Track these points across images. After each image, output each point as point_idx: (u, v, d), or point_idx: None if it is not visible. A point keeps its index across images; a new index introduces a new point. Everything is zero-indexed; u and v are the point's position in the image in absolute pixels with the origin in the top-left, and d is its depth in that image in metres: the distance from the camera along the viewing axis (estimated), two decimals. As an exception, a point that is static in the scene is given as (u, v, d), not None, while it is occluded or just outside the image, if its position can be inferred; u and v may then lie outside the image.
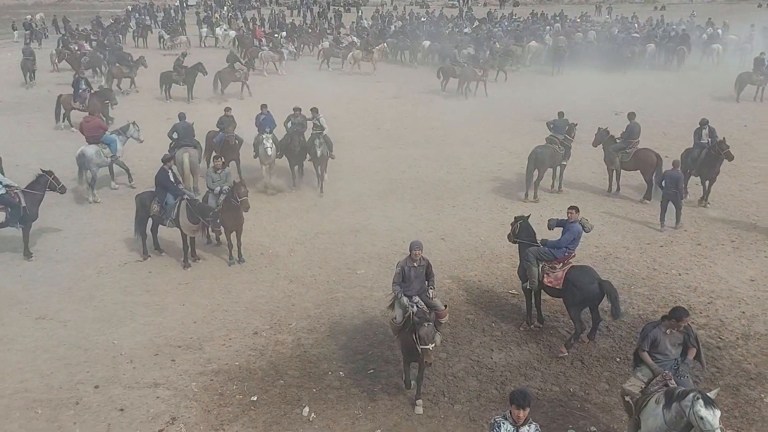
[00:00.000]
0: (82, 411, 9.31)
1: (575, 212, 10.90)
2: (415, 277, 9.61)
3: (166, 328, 11.45)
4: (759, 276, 13.26)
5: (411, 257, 9.61)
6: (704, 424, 6.80)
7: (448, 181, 18.86)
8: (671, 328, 7.95)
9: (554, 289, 10.89)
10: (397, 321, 9.46)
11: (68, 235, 15.09)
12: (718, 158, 16.26)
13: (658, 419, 7.28)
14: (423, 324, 8.68)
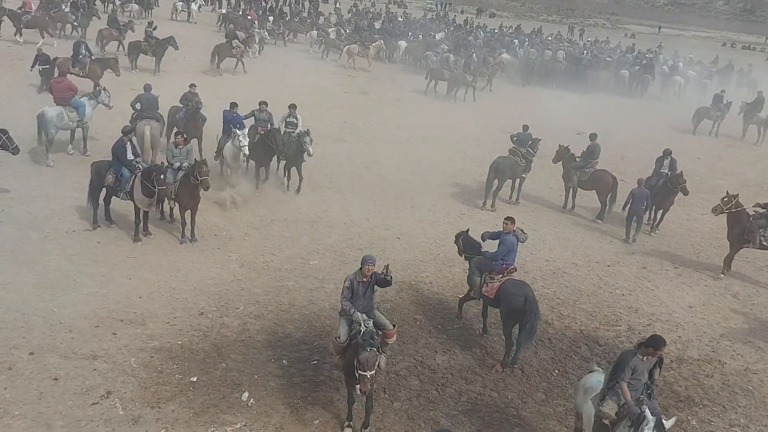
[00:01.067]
0: (14, 377, 9.05)
1: (510, 223, 10.99)
2: (362, 294, 8.90)
3: (110, 300, 11.21)
4: (697, 303, 13.76)
5: (362, 272, 8.87)
6: None
7: (408, 181, 18.97)
8: (648, 355, 7.87)
9: (489, 299, 11.03)
10: (341, 340, 8.81)
11: (15, 196, 14.61)
12: (674, 190, 16.77)
13: None
14: (366, 348, 8.03)
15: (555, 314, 12.63)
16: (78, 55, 22.53)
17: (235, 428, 8.67)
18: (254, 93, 25.54)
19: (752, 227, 14.58)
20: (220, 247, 13.72)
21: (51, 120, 16.36)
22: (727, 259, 15.09)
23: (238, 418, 8.87)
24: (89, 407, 8.70)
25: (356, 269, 8.99)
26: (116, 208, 14.09)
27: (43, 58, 22.07)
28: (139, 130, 16.35)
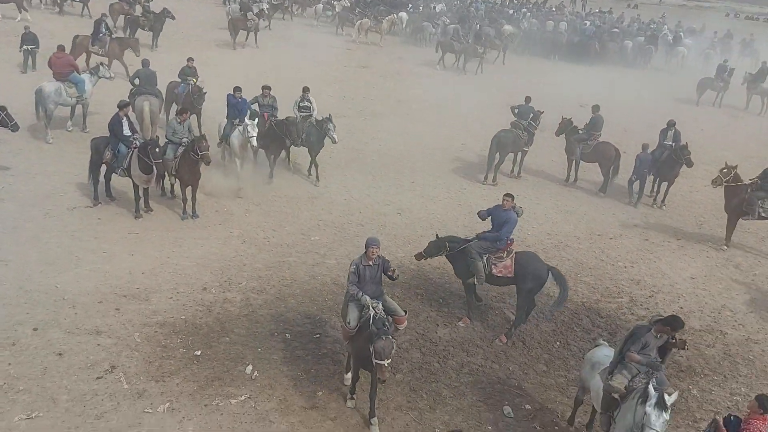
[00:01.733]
0: (18, 352, 9.10)
1: (511, 200, 10.72)
2: (369, 278, 8.61)
3: (113, 276, 11.23)
4: (699, 274, 13.77)
5: (366, 255, 8.60)
6: (647, 419, 7.01)
7: (409, 156, 18.89)
8: (662, 333, 7.87)
9: (505, 278, 10.81)
10: (351, 326, 8.48)
11: (16, 173, 14.58)
12: (678, 162, 16.66)
13: (632, 415, 7.37)
14: (381, 337, 7.76)
15: (556, 287, 12.56)
16: (98, 34, 22.05)
17: (240, 400, 8.73)
18: (252, 67, 25.41)
19: (751, 199, 14.52)
20: (222, 223, 13.71)
21: (49, 95, 16.26)
22: (728, 231, 15.05)
23: (242, 390, 8.93)
24: (94, 382, 8.76)
25: (361, 253, 8.75)
26: (116, 184, 14.05)
27: (30, 38, 21.58)
28: (138, 105, 16.25)
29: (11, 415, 8.02)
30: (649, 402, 7.06)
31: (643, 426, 7.07)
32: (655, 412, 7.00)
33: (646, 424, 7.03)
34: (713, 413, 9.57)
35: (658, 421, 6.98)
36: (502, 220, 10.69)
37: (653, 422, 6.98)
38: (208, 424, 8.27)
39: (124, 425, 8.10)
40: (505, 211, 10.71)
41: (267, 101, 15.94)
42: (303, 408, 8.77)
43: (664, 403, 7.03)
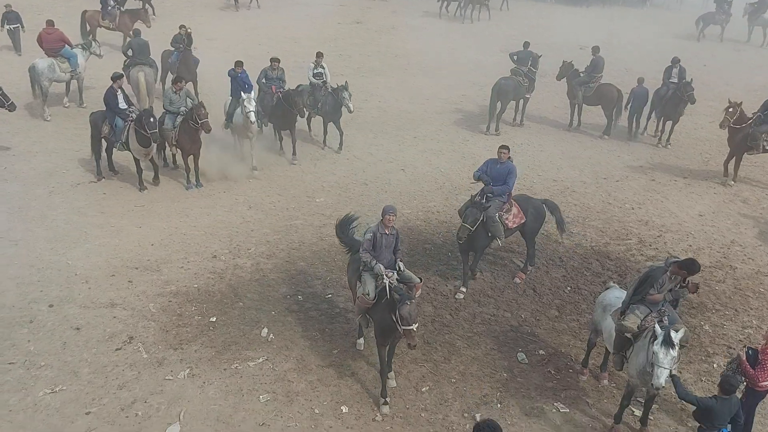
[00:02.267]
0: (36, 329, 9.23)
1: (507, 151, 10.52)
2: (385, 247, 8.43)
3: (123, 249, 11.29)
4: (707, 211, 13.74)
5: (383, 222, 8.39)
6: (655, 358, 7.10)
7: (410, 112, 18.72)
8: (677, 275, 7.86)
9: (516, 227, 10.70)
10: (371, 297, 8.20)
11: (17, 153, 14.54)
12: (683, 100, 16.43)
13: (644, 354, 7.47)
14: (405, 302, 7.54)
15: (565, 233, 12.62)
16: (107, 7, 21.35)
17: (258, 363, 8.86)
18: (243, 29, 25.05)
19: (755, 134, 14.37)
20: (227, 190, 13.69)
21: (42, 72, 16.09)
22: (734, 167, 14.94)
23: (260, 353, 9.06)
24: (113, 353, 8.90)
25: (378, 221, 8.54)
26: (119, 159, 14.01)
27: (12, 16, 20.82)
28: (133, 77, 16.08)
29: (35, 390, 8.17)
30: (656, 341, 7.14)
31: (652, 365, 7.16)
32: (662, 350, 7.07)
33: (655, 363, 7.12)
34: (726, 347, 9.69)
35: (666, 358, 7.06)
36: (504, 173, 10.46)
37: (661, 360, 7.06)
38: (228, 387, 8.41)
39: (147, 393, 8.25)
40: (502, 163, 10.48)
41: (275, 74, 15.21)
42: (320, 366, 8.90)
43: (671, 340, 7.10)
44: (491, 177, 10.45)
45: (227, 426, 7.84)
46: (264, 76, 15.19)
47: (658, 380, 7.04)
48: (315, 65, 15.68)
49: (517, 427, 8.10)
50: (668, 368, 7.08)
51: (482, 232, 10.32)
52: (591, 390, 8.81)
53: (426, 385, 8.70)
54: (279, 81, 15.17)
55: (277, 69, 15.17)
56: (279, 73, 15.21)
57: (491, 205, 10.31)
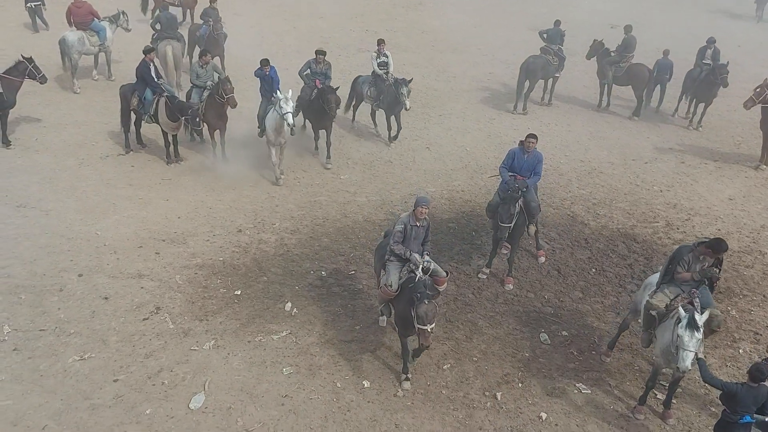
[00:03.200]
0: (66, 297, 9.43)
1: (536, 141, 10.13)
2: (414, 238, 8.27)
3: (150, 222, 11.45)
4: (737, 195, 13.49)
5: (415, 214, 8.19)
6: (680, 341, 7.07)
7: (436, 89, 18.56)
8: (706, 256, 7.85)
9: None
10: (393, 288, 8.07)
11: (47, 124, 14.74)
12: (716, 82, 15.98)
13: (669, 334, 7.46)
14: (423, 301, 7.43)
15: (591, 215, 12.53)
16: None
17: (282, 336, 8.98)
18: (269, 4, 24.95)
19: None
20: (252, 165, 13.74)
21: (72, 44, 16.23)
22: (764, 149, 14.59)
23: (283, 326, 9.17)
24: (140, 323, 9.07)
25: (409, 212, 8.39)
26: (146, 132, 14.14)
27: None
28: (161, 50, 16.13)
29: (65, 356, 8.38)
30: (680, 324, 7.10)
31: (677, 348, 7.12)
32: (687, 333, 7.05)
33: (680, 346, 7.08)
34: (753, 333, 9.58)
35: (691, 341, 7.04)
36: (533, 162, 10.12)
37: (686, 343, 7.04)
38: (252, 358, 8.54)
39: (173, 362, 8.41)
40: (529, 153, 10.10)
41: (320, 68, 13.83)
42: (342, 341, 8.98)
43: (696, 323, 7.07)
44: (519, 168, 10.11)
45: (251, 396, 7.98)
46: (308, 68, 13.97)
47: (684, 363, 7.01)
48: (377, 54, 14.66)
49: (538, 407, 8.12)
50: (693, 351, 7.04)
51: (518, 223, 9.96)
52: (614, 372, 8.78)
53: (448, 362, 8.75)
54: (324, 76, 13.83)
55: (323, 63, 13.83)
56: (324, 67, 13.86)
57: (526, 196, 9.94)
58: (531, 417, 7.99)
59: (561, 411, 8.09)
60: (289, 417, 7.75)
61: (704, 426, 7.98)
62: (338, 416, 7.82)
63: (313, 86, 13.74)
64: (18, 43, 18.85)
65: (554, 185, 13.53)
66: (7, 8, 22.13)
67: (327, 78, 13.86)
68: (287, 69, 19.04)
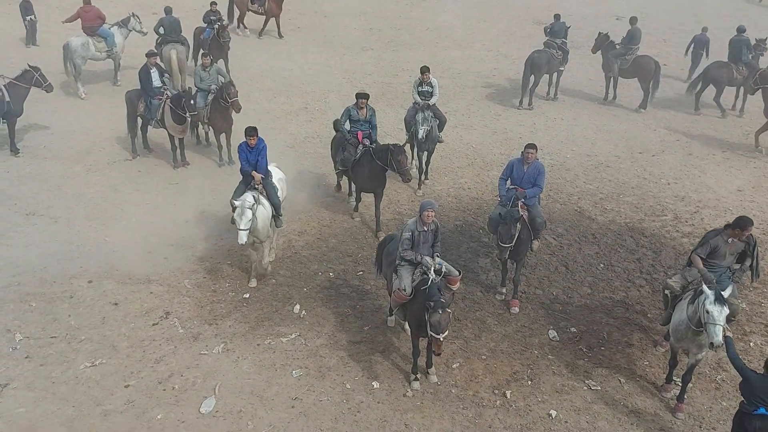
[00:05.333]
0: (76, 304, 9.51)
1: (535, 151, 9.60)
2: (422, 243, 8.19)
3: (158, 226, 11.51)
4: (746, 186, 13.40)
5: (421, 219, 8.12)
6: (709, 317, 7.15)
7: (441, 86, 18.25)
8: (734, 237, 7.94)
9: None
10: (407, 293, 7.99)
11: (55, 131, 14.85)
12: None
13: (683, 313, 7.66)
14: (437, 310, 7.33)
15: (598, 209, 12.48)
16: None
17: (290, 339, 9.01)
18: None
19: None
20: (258, 166, 13.77)
21: (75, 50, 16.28)
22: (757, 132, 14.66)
23: (292, 329, 9.20)
24: (150, 328, 9.14)
25: (415, 217, 8.29)
26: (153, 136, 14.21)
27: (27, 6, 19.49)
28: (165, 54, 16.20)
29: (76, 363, 8.45)
30: (708, 300, 7.20)
31: (705, 324, 7.21)
32: (716, 308, 7.15)
33: (708, 321, 7.17)
34: (763, 326, 9.53)
35: (720, 315, 7.14)
36: (533, 174, 9.58)
37: (716, 318, 7.13)
38: (262, 361, 8.58)
39: (183, 367, 8.46)
40: (529, 164, 9.59)
41: (363, 114, 11.47)
42: (351, 342, 9.01)
43: (723, 298, 7.22)
44: (519, 180, 9.63)
45: (261, 400, 8.02)
46: (348, 116, 11.55)
47: (717, 337, 7.11)
48: (420, 81, 12.67)
49: (548, 404, 8.11)
50: (722, 324, 7.15)
51: (522, 239, 9.31)
52: (623, 368, 8.75)
53: (457, 361, 8.75)
54: (368, 125, 11.60)
55: (366, 108, 11.45)
56: (368, 113, 11.52)
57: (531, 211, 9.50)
58: (541, 415, 7.98)
59: (571, 408, 8.08)
60: (300, 419, 7.79)
61: (715, 420, 7.95)
62: (348, 417, 7.84)
63: (355, 140, 11.49)
64: (24, 50, 19.00)
65: (561, 180, 13.49)
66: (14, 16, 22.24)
67: (373, 129, 11.72)
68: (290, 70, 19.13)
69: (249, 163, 10.00)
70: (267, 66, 19.36)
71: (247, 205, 9.23)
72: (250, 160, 10.00)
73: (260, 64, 19.48)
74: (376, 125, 11.75)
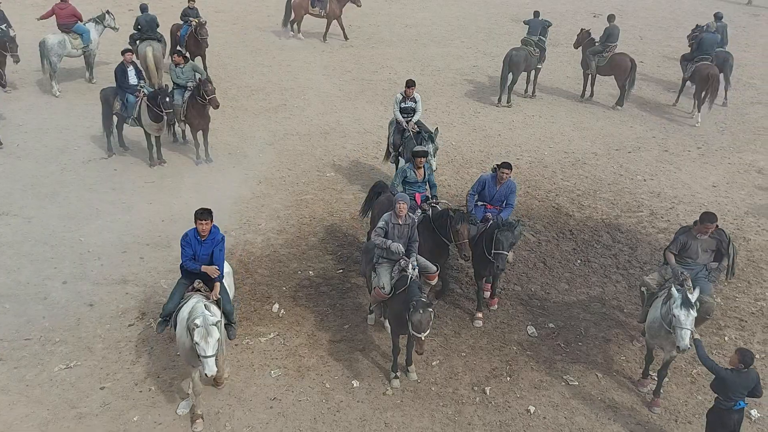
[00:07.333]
0: (50, 306, 9.37)
1: (510, 171, 9.32)
2: (398, 237, 8.08)
3: (134, 226, 11.37)
4: (721, 182, 13.58)
5: (395, 212, 8.01)
6: (676, 321, 7.22)
7: (420, 83, 18.33)
8: (701, 233, 8.12)
9: None
10: (385, 291, 7.94)
11: (28, 130, 14.59)
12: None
13: (657, 311, 7.75)
14: (419, 310, 7.21)
15: (576, 206, 12.57)
16: None
17: (269, 338, 8.96)
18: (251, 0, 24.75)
19: None
20: (236, 165, 13.69)
21: (52, 48, 16.02)
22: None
23: (271, 328, 9.15)
24: (126, 329, 9.03)
25: (391, 211, 8.24)
26: (129, 134, 14.04)
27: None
28: (141, 52, 15.98)
29: (51, 365, 8.32)
30: (675, 303, 7.25)
31: (674, 327, 7.27)
32: (683, 312, 7.20)
33: (676, 325, 7.23)
34: (738, 320, 9.66)
35: (687, 320, 7.19)
36: (505, 192, 9.43)
37: (683, 322, 7.19)
38: (240, 362, 8.52)
39: (160, 368, 8.37)
40: (501, 184, 9.37)
41: (422, 176, 9.91)
42: (331, 341, 8.98)
43: (689, 302, 7.25)
44: (489, 198, 9.45)
45: (239, 401, 7.96)
46: (402, 178, 9.88)
47: (683, 342, 7.17)
48: (403, 97, 12.11)
49: (527, 400, 8.15)
50: (690, 329, 7.20)
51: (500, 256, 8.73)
52: (600, 363, 8.83)
53: (436, 359, 8.76)
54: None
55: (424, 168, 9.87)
56: (427, 172, 10.00)
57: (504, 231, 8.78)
58: (519, 411, 8.02)
59: (549, 404, 8.14)
60: (278, 420, 7.74)
61: (691, 414, 8.05)
62: (328, 417, 7.82)
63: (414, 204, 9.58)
64: None
65: (539, 177, 13.56)
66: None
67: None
68: (269, 67, 19.02)
69: (197, 259, 7.64)
70: (245, 63, 19.23)
71: (211, 321, 6.85)
72: (200, 256, 7.62)
73: (238, 60, 19.34)
74: (435, 184, 10.22)
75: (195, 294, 7.59)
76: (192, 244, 7.58)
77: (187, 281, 7.73)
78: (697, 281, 7.98)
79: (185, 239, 7.61)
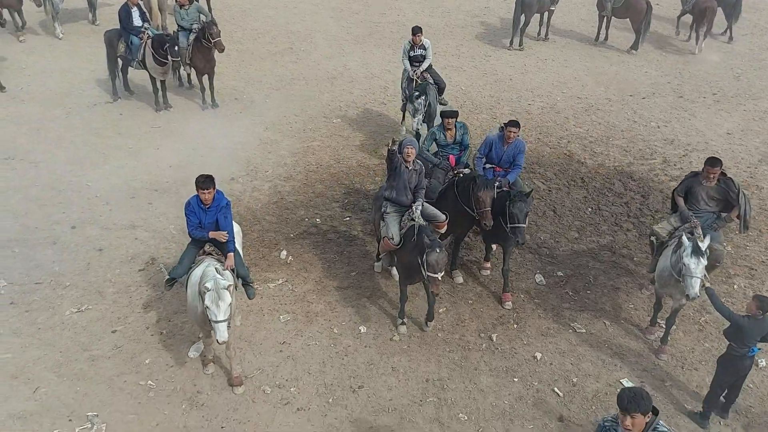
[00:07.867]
0: (60, 250, 9.40)
1: (518, 130, 8.89)
2: (404, 183, 8.04)
3: (141, 171, 11.30)
4: (735, 129, 13.32)
5: (403, 157, 7.95)
6: (686, 269, 7.18)
7: (430, 26, 18.03)
8: (706, 179, 8.03)
9: None
10: (395, 241, 7.89)
11: (32, 73, 14.38)
12: None
13: (667, 260, 7.69)
14: (435, 249, 7.19)
15: (588, 153, 12.39)
16: None
17: (278, 284, 8.99)
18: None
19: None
20: (243, 111, 13.50)
21: (54, -13, 15.65)
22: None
23: (279, 274, 9.17)
24: (136, 274, 9.07)
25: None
26: (135, 78, 13.82)
27: None
28: (144, -7, 15.56)
29: (62, 309, 8.40)
30: (685, 252, 7.19)
31: (683, 276, 7.23)
32: (693, 261, 7.15)
33: (686, 273, 7.19)
34: (748, 269, 9.61)
35: (697, 268, 7.14)
36: (513, 153, 8.98)
37: (693, 270, 7.14)
38: (250, 307, 8.58)
39: (171, 312, 8.44)
40: (509, 144, 8.94)
41: (452, 137, 9.36)
42: (338, 288, 9.01)
43: (700, 250, 7.18)
44: (497, 159, 9.04)
45: (249, 344, 8.05)
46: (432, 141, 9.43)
47: (693, 290, 7.15)
48: (411, 45, 11.68)
49: (533, 347, 8.20)
50: (700, 277, 7.17)
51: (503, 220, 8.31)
52: (608, 311, 8.84)
53: (443, 306, 8.79)
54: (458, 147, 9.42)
55: (454, 129, 9.34)
56: (458, 134, 9.37)
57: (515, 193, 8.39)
58: (526, 357, 8.08)
59: (556, 351, 8.19)
60: (288, 363, 7.84)
61: (698, 361, 8.09)
62: (336, 361, 7.90)
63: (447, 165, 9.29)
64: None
65: (551, 123, 13.33)
66: None
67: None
68: (275, 9, 18.54)
69: (202, 228, 7.44)
70: (251, 4, 18.77)
71: (222, 285, 6.62)
72: (204, 224, 7.42)
73: (244, 2, 18.87)
74: (468, 145, 9.49)
75: (206, 257, 7.41)
76: (196, 212, 7.37)
77: (197, 246, 7.59)
78: (706, 230, 7.88)
79: (189, 208, 7.38)
